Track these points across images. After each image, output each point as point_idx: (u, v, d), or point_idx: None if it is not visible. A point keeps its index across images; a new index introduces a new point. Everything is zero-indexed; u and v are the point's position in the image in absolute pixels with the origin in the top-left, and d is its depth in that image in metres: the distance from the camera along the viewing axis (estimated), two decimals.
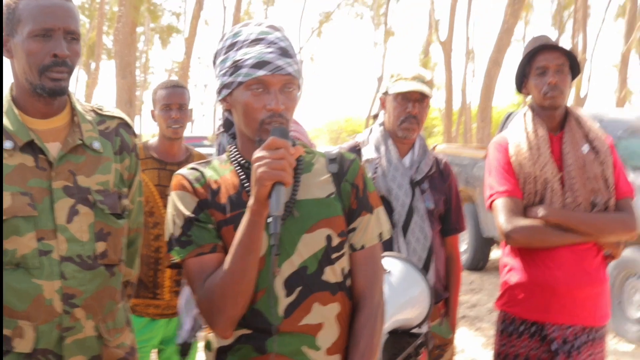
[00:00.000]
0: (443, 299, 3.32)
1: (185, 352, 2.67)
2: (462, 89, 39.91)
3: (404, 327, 2.53)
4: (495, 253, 11.27)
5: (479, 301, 8.44)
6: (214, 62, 2.11)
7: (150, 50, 48.52)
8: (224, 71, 2.03)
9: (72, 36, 2.20)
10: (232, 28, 2.08)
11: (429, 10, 40.27)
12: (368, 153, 3.28)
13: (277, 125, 1.93)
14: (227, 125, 2.23)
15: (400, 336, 2.48)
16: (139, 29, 27.37)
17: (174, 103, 3.71)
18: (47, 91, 2.19)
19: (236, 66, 1.99)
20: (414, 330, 2.55)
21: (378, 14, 46.98)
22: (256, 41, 2.00)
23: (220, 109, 2.18)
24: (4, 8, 2.22)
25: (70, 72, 2.23)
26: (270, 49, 1.98)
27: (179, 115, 3.70)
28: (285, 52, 2.00)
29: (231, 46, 2.03)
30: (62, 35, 2.17)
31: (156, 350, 3.90)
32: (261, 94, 1.96)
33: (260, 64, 1.96)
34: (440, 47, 34.95)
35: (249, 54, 1.97)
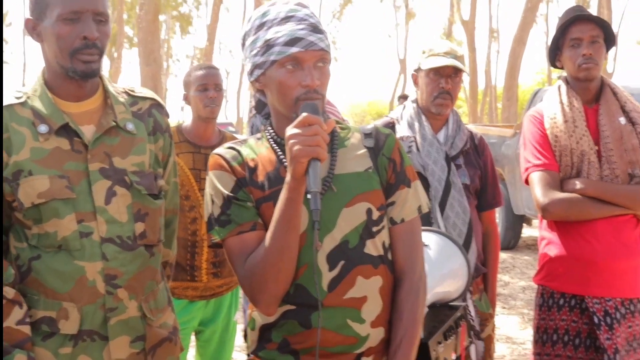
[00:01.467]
0: (481, 274, 3.31)
1: None
2: (485, 69, 39.71)
3: (443, 300, 2.52)
4: (526, 231, 11.22)
5: (511, 279, 8.41)
6: (243, 44, 2.10)
7: (172, 38, 48.68)
8: (255, 51, 2.02)
9: (101, 18, 2.19)
10: (259, 8, 2.07)
11: None
12: (401, 131, 3.26)
13: (312, 101, 1.93)
14: (260, 106, 2.21)
15: (440, 309, 2.48)
16: (161, 17, 27.44)
17: (210, 83, 3.73)
18: (79, 74, 2.19)
19: (268, 45, 1.98)
20: (453, 303, 2.55)
21: None
22: (286, 19, 1.99)
23: (247, 93, 2.17)
24: None
25: (101, 54, 2.22)
26: (301, 26, 1.97)
27: (216, 95, 3.72)
28: (316, 28, 1.99)
29: (260, 26, 2.02)
30: (91, 17, 2.16)
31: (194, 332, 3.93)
32: (295, 71, 1.96)
33: (292, 41, 1.95)
34: (462, 27, 34.78)
35: (281, 32, 1.96)
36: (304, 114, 1.82)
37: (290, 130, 1.82)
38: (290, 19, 1.99)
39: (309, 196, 1.78)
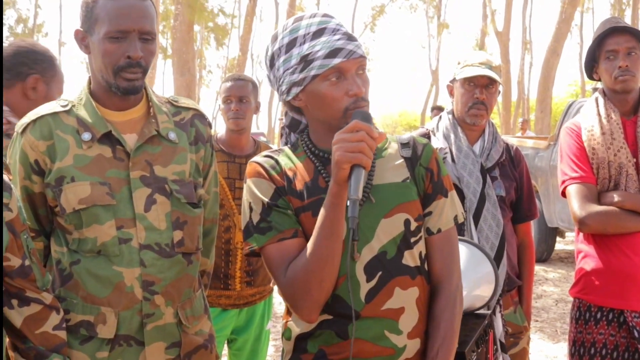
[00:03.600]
0: (516, 286, 3.28)
1: None
2: (518, 80, 39.47)
3: (469, 309, 2.50)
4: (559, 244, 11.11)
5: (544, 292, 8.33)
6: (272, 65, 2.06)
7: (207, 49, 48.94)
8: (291, 69, 1.98)
9: (147, 36, 2.22)
10: (283, 26, 2.04)
11: (482, 1, 39.95)
12: (437, 142, 3.25)
13: (361, 108, 1.92)
14: (293, 125, 2.18)
15: (467, 318, 2.44)
16: (195, 28, 27.61)
17: (233, 95, 3.76)
18: (121, 90, 2.23)
19: (306, 61, 1.95)
20: (479, 312, 2.52)
21: (431, 6, 46.72)
22: (319, 32, 1.97)
23: (279, 103, 2.16)
24: (83, 5, 2.25)
25: (144, 72, 2.26)
26: (337, 36, 1.95)
27: (238, 108, 3.73)
28: (351, 36, 1.98)
29: (291, 43, 1.99)
30: (137, 36, 2.19)
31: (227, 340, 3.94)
32: (339, 82, 1.94)
33: (333, 53, 1.92)
34: (495, 39, 34.64)
35: (318, 46, 1.94)
36: (355, 121, 1.82)
37: (337, 135, 1.81)
38: (324, 31, 1.97)
39: (349, 203, 1.77)
